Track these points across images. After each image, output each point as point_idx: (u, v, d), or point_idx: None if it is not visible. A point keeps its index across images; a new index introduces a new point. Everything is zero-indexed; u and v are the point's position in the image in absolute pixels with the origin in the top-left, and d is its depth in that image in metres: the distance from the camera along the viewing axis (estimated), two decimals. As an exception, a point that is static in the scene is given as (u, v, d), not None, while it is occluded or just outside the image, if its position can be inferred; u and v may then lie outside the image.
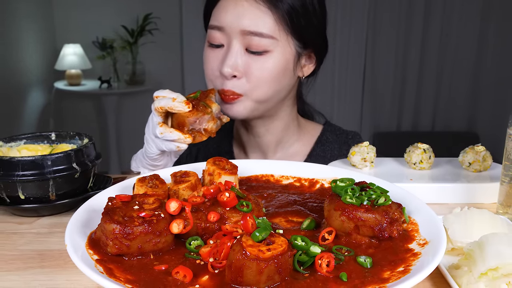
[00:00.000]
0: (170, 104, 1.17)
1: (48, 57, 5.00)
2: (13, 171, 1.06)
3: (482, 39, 4.75)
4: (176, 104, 1.17)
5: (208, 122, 1.20)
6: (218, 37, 1.35)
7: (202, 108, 1.19)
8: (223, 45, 1.35)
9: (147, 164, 1.34)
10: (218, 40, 1.35)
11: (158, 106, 1.19)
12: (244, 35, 1.31)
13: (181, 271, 0.74)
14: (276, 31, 1.31)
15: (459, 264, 0.83)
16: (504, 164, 1.07)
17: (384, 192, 0.88)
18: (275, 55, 1.33)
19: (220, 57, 1.35)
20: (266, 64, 1.32)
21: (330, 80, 4.97)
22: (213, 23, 1.36)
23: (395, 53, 4.88)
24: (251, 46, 1.31)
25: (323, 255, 0.76)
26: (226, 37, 1.34)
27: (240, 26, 1.30)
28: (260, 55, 1.32)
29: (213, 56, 1.37)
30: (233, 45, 1.32)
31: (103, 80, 4.88)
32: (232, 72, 1.31)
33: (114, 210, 0.82)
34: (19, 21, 4.45)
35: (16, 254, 0.95)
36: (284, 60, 1.35)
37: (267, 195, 1.08)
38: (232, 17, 1.31)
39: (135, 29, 4.92)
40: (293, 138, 1.56)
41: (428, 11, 4.74)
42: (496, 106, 4.85)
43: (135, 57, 4.97)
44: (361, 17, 4.79)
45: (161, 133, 1.19)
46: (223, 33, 1.34)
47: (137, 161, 1.39)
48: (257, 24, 1.30)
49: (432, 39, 4.79)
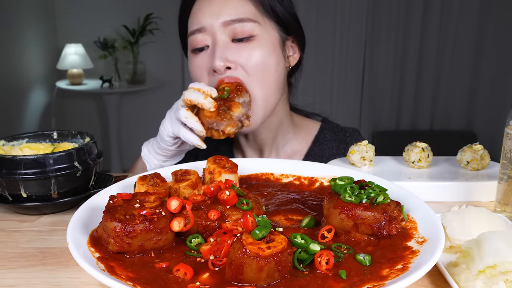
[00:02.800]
0: (200, 100, 1.20)
1: (50, 57, 5.01)
2: (16, 170, 1.07)
3: (480, 39, 4.75)
4: (205, 102, 1.20)
5: (227, 126, 1.22)
6: (200, 40, 1.34)
7: (222, 112, 1.21)
8: (208, 46, 1.34)
9: (157, 148, 1.35)
10: (201, 42, 1.34)
11: (188, 99, 1.21)
12: (226, 26, 1.31)
13: (182, 268, 0.75)
14: (258, 16, 1.33)
15: (457, 261, 0.83)
16: (501, 163, 1.08)
17: (383, 191, 0.88)
18: (261, 39, 1.33)
19: (207, 58, 1.34)
20: (256, 49, 1.32)
21: (329, 80, 4.98)
22: (193, 28, 1.35)
23: (393, 53, 4.88)
24: (236, 34, 1.31)
25: (322, 253, 0.77)
26: (209, 36, 1.33)
27: (220, 19, 1.30)
28: (247, 41, 1.32)
29: (200, 60, 1.36)
30: (218, 39, 1.31)
31: (105, 79, 4.89)
32: (225, 64, 1.30)
33: (116, 208, 0.82)
34: (22, 21, 4.46)
35: (18, 252, 0.95)
36: (271, 44, 1.35)
37: (267, 193, 1.09)
38: (210, 14, 1.31)
39: (136, 29, 4.93)
40: (288, 136, 1.56)
41: (427, 11, 4.74)
42: (494, 105, 4.85)
43: (136, 57, 4.97)
44: (360, 17, 4.80)
45: (186, 117, 1.21)
46: (204, 33, 1.33)
47: (149, 145, 1.40)
48: (237, 12, 1.31)
49: (431, 38, 4.80)
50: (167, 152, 1.35)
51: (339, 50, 4.90)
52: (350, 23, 4.81)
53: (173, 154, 1.37)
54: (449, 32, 4.76)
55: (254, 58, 1.32)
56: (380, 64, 4.93)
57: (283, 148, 1.56)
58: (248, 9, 1.32)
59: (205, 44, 1.34)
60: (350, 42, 4.87)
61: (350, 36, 4.85)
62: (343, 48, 4.89)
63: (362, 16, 4.79)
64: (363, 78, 5.01)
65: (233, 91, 1.25)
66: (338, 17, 4.80)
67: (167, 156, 1.37)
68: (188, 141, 1.24)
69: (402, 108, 5.05)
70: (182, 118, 1.22)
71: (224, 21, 1.30)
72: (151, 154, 1.39)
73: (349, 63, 4.94)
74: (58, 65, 4.87)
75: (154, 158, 1.39)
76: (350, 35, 4.85)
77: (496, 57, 4.75)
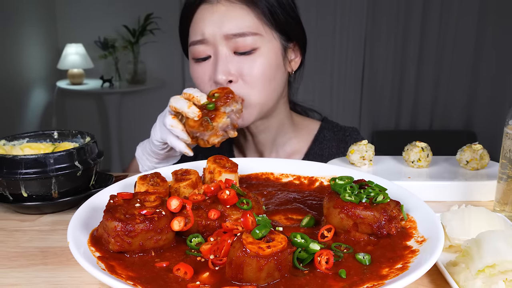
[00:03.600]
0: (184, 110, 1.18)
1: (51, 57, 5.02)
2: (16, 169, 1.07)
3: (479, 39, 4.75)
4: (189, 111, 1.18)
5: (211, 136, 1.21)
6: (202, 50, 1.34)
7: (205, 123, 1.19)
8: (210, 56, 1.34)
9: (149, 150, 1.35)
10: (203, 53, 1.34)
11: (174, 106, 1.21)
12: (228, 40, 1.30)
13: (182, 268, 0.75)
14: (260, 27, 1.32)
15: (457, 261, 0.83)
16: (501, 162, 1.08)
17: (383, 190, 0.89)
18: (263, 51, 1.33)
19: (209, 68, 1.34)
20: (257, 61, 1.32)
21: (329, 79, 4.98)
22: (195, 39, 1.35)
23: (393, 53, 4.88)
24: (238, 48, 1.31)
25: (322, 252, 0.77)
26: (211, 47, 1.33)
27: (222, 31, 1.30)
28: (249, 54, 1.32)
29: (202, 69, 1.36)
30: (220, 52, 1.31)
31: (105, 79, 4.90)
32: (227, 78, 1.31)
33: (116, 207, 0.83)
34: (22, 21, 4.46)
35: (19, 251, 0.95)
36: (273, 54, 1.35)
37: (267, 193, 1.09)
38: (211, 26, 1.30)
39: (136, 29, 4.94)
40: (288, 135, 1.56)
41: (427, 11, 4.74)
42: (493, 105, 4.86)
43: (136, 57, 4.98)
44: (360, 16, 4.80)
45: (171, 125, 1.21)
46: (206, 44, 1.33)
47: (142, 146, 1.40)
48: (238, 26, 1.30)
49: (430, 38, 4.80)
50: (158, 155, 1.36)
51: (339, 50, 4.90)
52: (350, 22, 4.81)
53: (165, 157, 1.37)
54: (449, 32, 4.76)
55: (255, 70, 1.32)
56: (380, 64, 4.93)
57: (283, 148, 1.57)
58: (250, 21, 1.31)
59: (207, 55, 1.35)
60: (350, 41, 4.87)
61: (350, 36, 4.85)
62: (343, 48, 4.89)
63: (362, 16, 4.79)
64: (362, 78, 5.02)
65: (221, 98, 1.22)
66: (338, 16, 4.80)
67: (159, 158, 1.37)
68: (176, 148, 1.24)
69: (401, 108, 5.06)
70: (167, 126, 1.22)
71: (225, 34, 1.30)
72: (144, 155, 1.40)
73: (349, 62, 4.94)
74: (59, 65, 4.87)
75: (146, 159, 1.39)
76: (350, 35, 4.85)
77: (495, 57, 4.75)
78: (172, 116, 1.22)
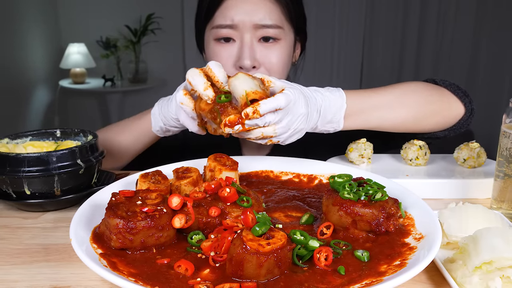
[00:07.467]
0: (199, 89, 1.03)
1: (53, 56, 5.03)
2: (19, 167, 1.08)
3: (477, 36, 4.74)
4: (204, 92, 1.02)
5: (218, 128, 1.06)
6: (228, 33, 1.40)
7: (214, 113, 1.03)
8: (234, 39, 1.40)
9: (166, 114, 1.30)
10: (228, 35, 1.40)
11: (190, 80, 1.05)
12: (256, 29, 1.38)
13: (183, 264, 0.76)
14: (283, 21, 1.42)
15: (454, 258, 0.84)
16: (498, 161, 1.09)
17: (381, 188, 0.90)
18: (283, 43, 1.43)
19: (233, 51, 1.40)
20: (279, 51, 1.42)
21: (328, 79, 4.98)
22: (223, 22, 1.39)
23: (392, 52, 4.88)
24: (264, 37, 1.40)
25: (321, 249, 0.78)
26: (238, 33, 1.39)
27: (252, 21, 1.37)
28: (272, 43, 1.41)
29: (225, 51, 1.41)
30: (246, 38, 1.38)
31: (107, 78, 4.91)
32: (252, 63, 1.38)
33: (118, 205, 0.84)
34: (25, 21, 4.47)
35: (21, 248, 0.96)
36: (289, 47, 1.47)
37: (266, 190, 1.10)
38: (243, 14, 1.37)
39: (138, 29, 4.95)
40: None
41: (425, 11, 4.73)
42: (490, 104, 4.84)
43: (138, 56, 4.99)
44: (359, 13, 4.79)
45: (181, 103, 1.09)
46: (234, 29, 1.39)
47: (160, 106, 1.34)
48: (267, 16, 1.38)
49: (428, 38, 4.79)
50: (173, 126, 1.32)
51: (338, 49, 4.90)
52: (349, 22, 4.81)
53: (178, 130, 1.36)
54: (447, 30, 4.75)
55: (276, 59, 1.42)
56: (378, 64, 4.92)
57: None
58: (276, 15, 1.40)
59: (232, 37, 1.41)
60: (349, 39, 4.87)
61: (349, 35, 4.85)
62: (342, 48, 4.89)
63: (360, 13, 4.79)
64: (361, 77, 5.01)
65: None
66: (337, 15, 4.80)
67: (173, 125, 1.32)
68: (187, 126, 1.13)
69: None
70: (178, 101, 1.10)
71: (255, 24, 1.37)
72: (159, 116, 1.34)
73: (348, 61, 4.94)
74: (61, 64, 4.89)
75: (161, 120, 1.33)
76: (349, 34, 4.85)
77: (492, 56, 4.74)
78: (185, 92, 1.09)
